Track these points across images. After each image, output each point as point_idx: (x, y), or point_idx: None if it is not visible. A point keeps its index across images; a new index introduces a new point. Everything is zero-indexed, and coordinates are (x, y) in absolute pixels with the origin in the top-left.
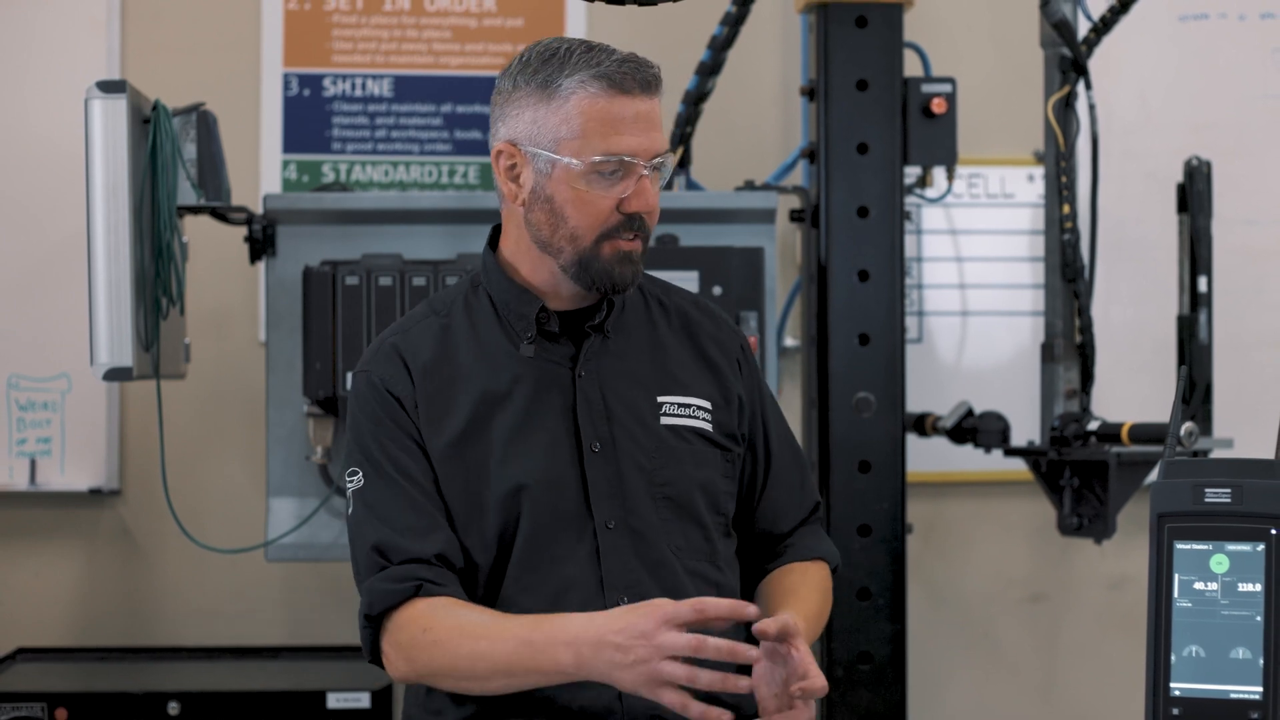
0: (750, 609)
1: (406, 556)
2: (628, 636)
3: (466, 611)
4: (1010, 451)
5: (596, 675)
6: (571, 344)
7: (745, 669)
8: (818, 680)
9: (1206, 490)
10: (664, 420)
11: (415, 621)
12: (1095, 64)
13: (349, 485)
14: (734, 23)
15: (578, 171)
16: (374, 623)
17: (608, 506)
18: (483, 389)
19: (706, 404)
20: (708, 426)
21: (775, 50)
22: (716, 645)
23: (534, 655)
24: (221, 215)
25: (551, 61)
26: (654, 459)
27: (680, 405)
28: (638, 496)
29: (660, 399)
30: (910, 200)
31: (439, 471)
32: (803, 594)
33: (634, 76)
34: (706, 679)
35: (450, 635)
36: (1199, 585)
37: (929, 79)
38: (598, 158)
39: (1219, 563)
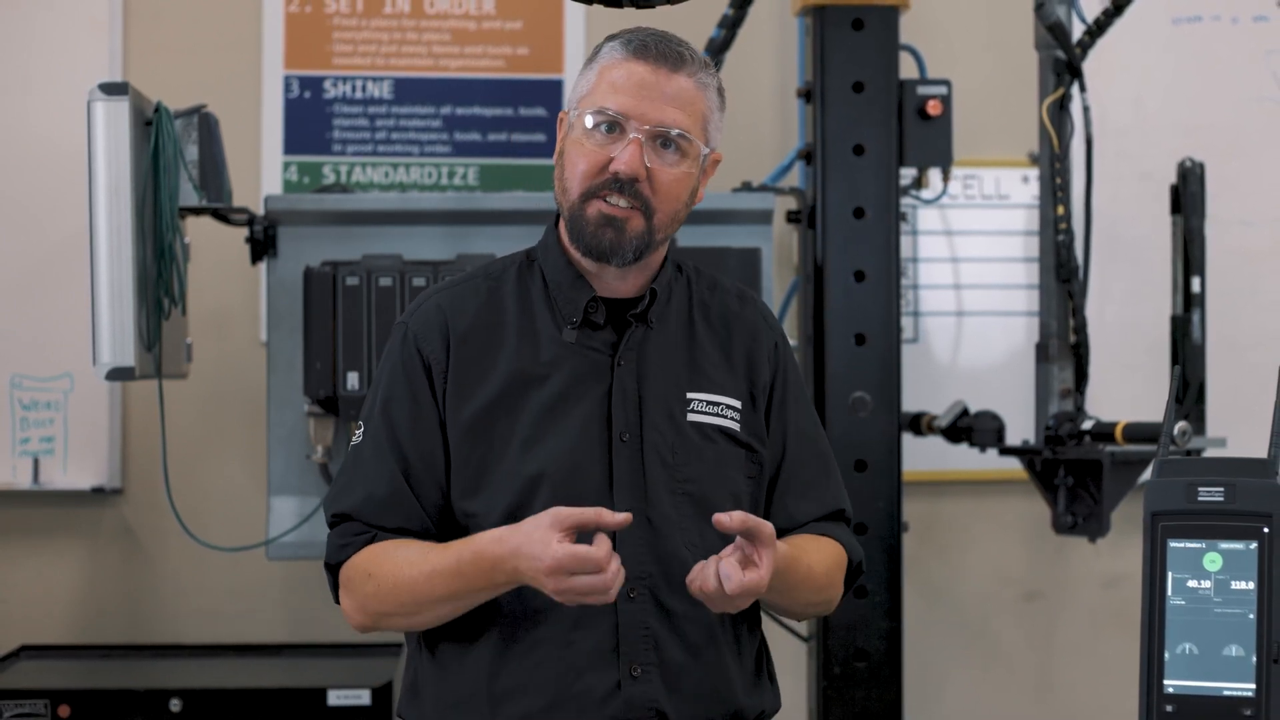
0: (607, 517)
1: (366, 522)
2: (529, 561)
3: (400, 550)
4: (1005, 450)
5: (526, 582)
6: (614, 331)
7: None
8: (747, 577)
9: (1200, 489)
10: (691, 417)
11: (360, 567)
12: (1089, 66)
13: (354, 437)
14: (731, 25)
15: (581, 125)
16: (332, 571)
17: (628, 497)
18: (521, 364)
19: (736, 403)
20: (735, 426)
21: (772, 53)
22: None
23: (471, 588)
24: (223, 216)
25: (610, 36)
26: (677, 454)
27: (709, 403)
28: (658, 490)
29: (690, 395)
30: (906, 201)
31: (460, 436)
32: (808, 548)
33: (655, 46)
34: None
35: (390, 574)
36: (1192, 583)
37: (925, 81)
38: (592, 111)
39: (1212, 561)
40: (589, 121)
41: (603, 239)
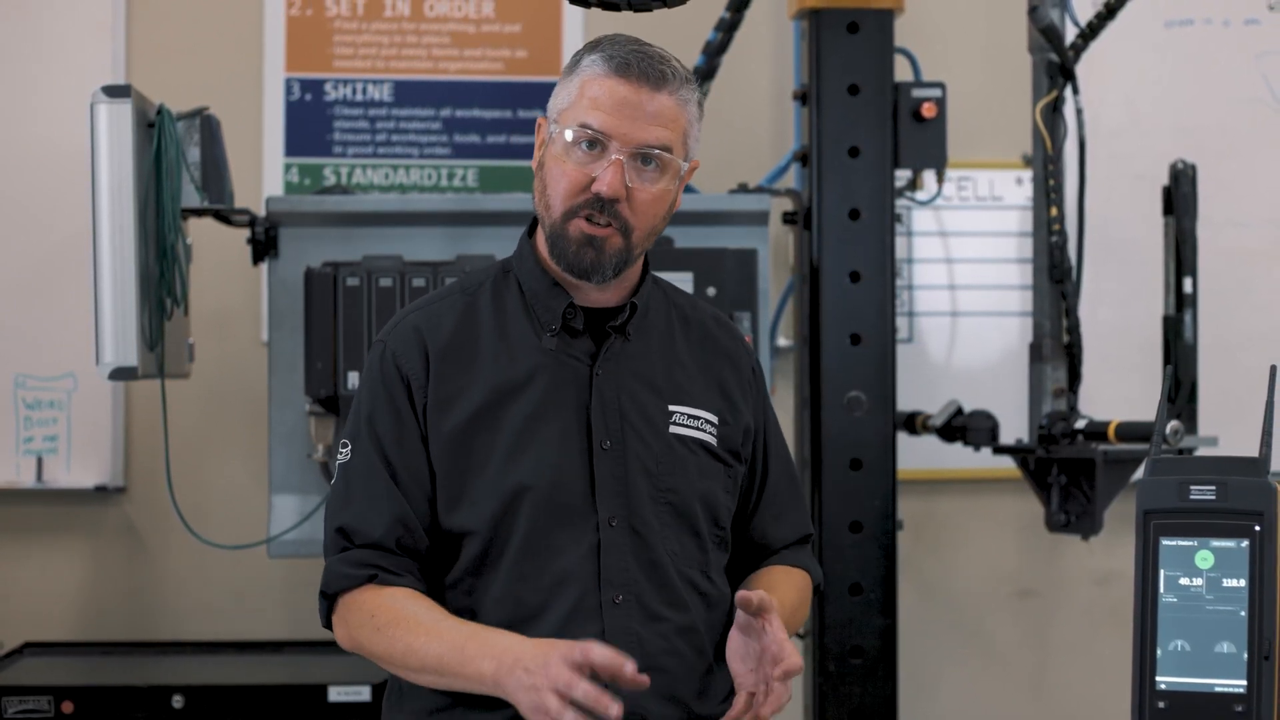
0: (628, 666)
1: (368, 541)
2: (535, 663)
3: (413, 605)
4: (999, 449)
5: (507, 691)
6: (592, 341)
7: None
8: (794, 659)
9: (1192, 487)
10: (673, 429)
11: (363, 607)
12: (1082, 69)
13: (340, 456)
14: (728, 29)
15: (562, 141)
16: (329, 599)
17: (612, 504)
18: (501, 375)
19: (714, 418)
20: (712, 440)
21: (768, 55)
22: (584, 691)
23: (462, 661)
24: (224, 217)
25: (589, 46)
26: (661, 464)
27: (690, 416)
28: (640, 498)
29: (671, 407)
30: (901, 203)
31: (442, 450)
32: (781, 588)
33: (637, 65)
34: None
35: (391, 624)
36: (1184, 581)
37: (919, 84)
38: (574, 127)
39: (1204, 559)
40: (569, 137)
41: (584, 259)
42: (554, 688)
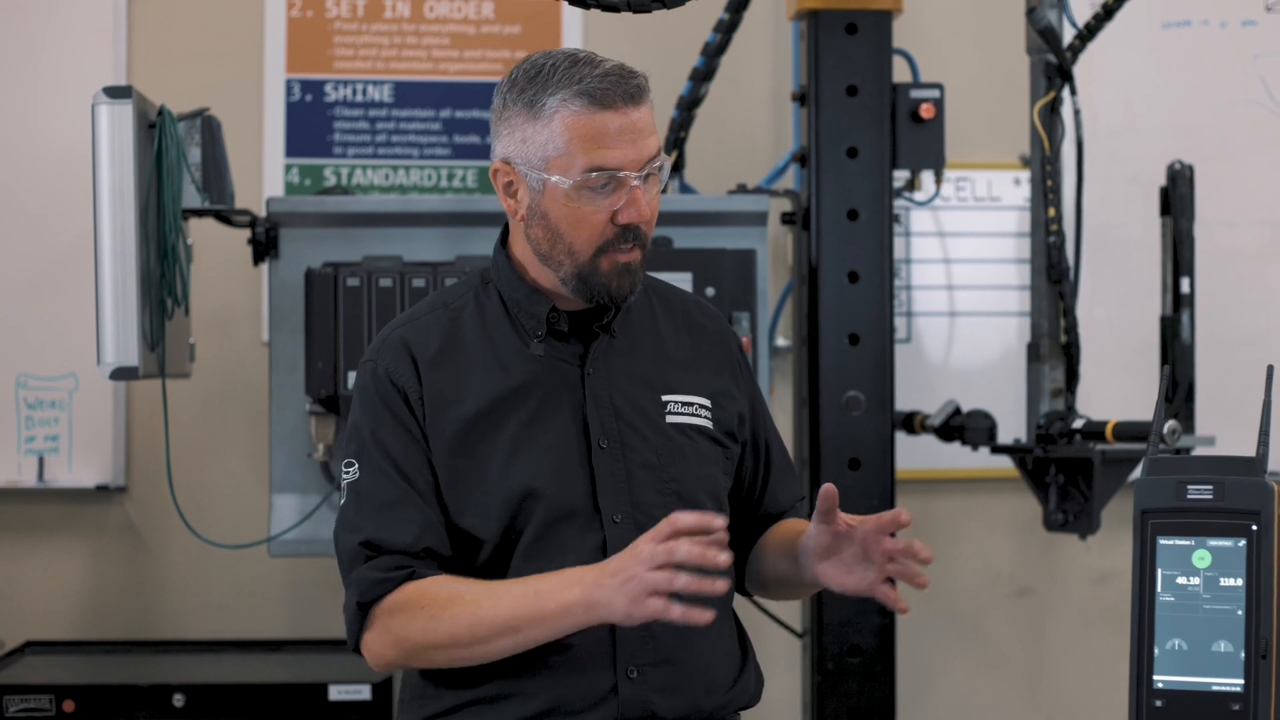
0: (718, 520)
1: (393, 549)
2: (620, 562)
3: (462, 584)
4: (997, 449)
5: (600, 606)
6: (579, 343)
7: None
8: (899, 543)
9: (1189, 487)
10: (669, 419)
11: (410, 601)
12: (1080, 70)
13: (345, 477)
14: (727, 29)
15: (568, 188)
16: (364, 610)
17: (614, 501)
18: (493, 386)
19: (707, 402)
20: (708, 424)
21: (767, 56)
22: (688, 550)
23: (541, 606)
24: (225, 218)
25: (536, 80)
26: (662, 456)
27: (683, 404)
28: (646, 492)
29: (665, 398)
30: (899, 203)
31: (442, 463)
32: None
33: (616, 90)
34: (683, 581)
35: (447, 605)
36: (1182, 580)
37: (917, 85)
38: (584, 174)
39: (1201, 558)
40: (577, 183)
41: (624, 287)
42: (653, 565)
